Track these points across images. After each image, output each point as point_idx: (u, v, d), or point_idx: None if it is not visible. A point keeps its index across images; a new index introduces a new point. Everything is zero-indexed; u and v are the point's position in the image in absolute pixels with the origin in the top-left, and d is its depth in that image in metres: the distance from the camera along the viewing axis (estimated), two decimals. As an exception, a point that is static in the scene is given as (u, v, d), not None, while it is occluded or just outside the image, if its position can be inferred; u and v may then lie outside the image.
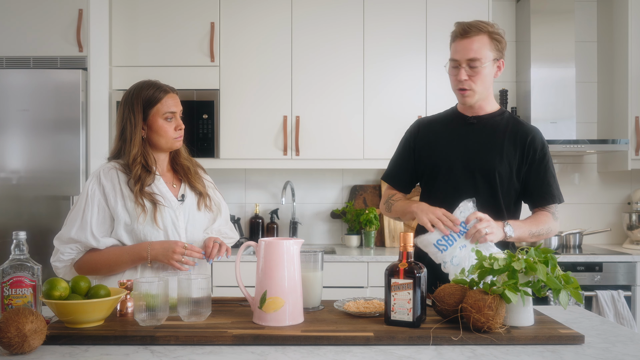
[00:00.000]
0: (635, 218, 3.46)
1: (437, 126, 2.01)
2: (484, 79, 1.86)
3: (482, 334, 1.31)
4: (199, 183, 1.94)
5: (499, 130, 1.92)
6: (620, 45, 3.46)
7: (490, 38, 1.85)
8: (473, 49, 1.82)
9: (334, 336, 1.30)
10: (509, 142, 1.90)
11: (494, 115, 1.95)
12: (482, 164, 1.88)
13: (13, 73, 3.08)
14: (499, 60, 1.89)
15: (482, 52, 1.83)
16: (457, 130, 1.96)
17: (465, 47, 1.83)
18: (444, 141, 1.95)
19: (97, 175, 1.82)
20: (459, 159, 1.90)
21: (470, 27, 1.84)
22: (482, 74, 1.84)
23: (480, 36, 1.84)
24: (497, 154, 1.88)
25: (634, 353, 1.25)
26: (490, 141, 1.90)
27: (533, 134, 1.92)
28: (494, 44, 1.86)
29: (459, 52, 1.85)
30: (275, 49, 3.40)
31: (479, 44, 1.83)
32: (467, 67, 1.84)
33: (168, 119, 1.84)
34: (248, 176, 3.76)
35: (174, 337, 1.30)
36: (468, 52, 1.83)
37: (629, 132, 3.37)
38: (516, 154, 1.89)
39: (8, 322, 1.18)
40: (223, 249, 1.81)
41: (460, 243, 1.70)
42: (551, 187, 1.91)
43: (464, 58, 1.83)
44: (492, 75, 1.89)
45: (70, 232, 1.76)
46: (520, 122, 1.96)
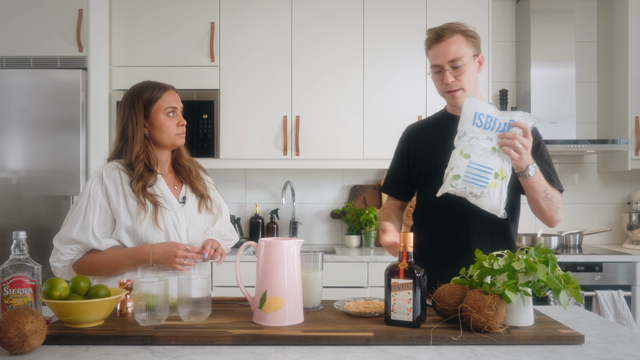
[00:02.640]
0: (635, 218, 3.46)
1: (428, 130, 2.02)
2: (470, 77, 1.87)
3: (482, 334, 1.31)
4: (200, 185, 1.94)
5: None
6: (620, 45, 3.46)
7: (464, 36, 1.86)
8: (452, 50, 1.84)
9: (334, 336, 1.30)
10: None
11: None
12: None
13: (13, 73, 3.08)
14: (478, 55, 1.90)
15: (461, 51, 1.84)
16: (450, 131, 1.93)
17: (444, 50, 1.85)
18: (438, 144, 1.94)
19: (99, 175, 1.81)
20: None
21: (443, 30, 1.86)
22: (467, 72, 1.85)
23: (455, 36, 1.85)
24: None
25: (634, 353, 1.25)
26: None
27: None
28: (469, 41, 1.87)
29: (439, 57, 1.86)
30: (275, 49, 3.40)
31: (456, 44, 1.84)
32: (450, 69, 1.85)
33: (170, 115, 1.84)
34: (248, 176, 3.76)
35: (174, 337, 1.30)
36: (448, 55, 1.84)
37: (629, 132, 3.37)
38: None
39: (8, 322, 1.18)
40: (217, 254, 1.82)
41: (491, 134, 1.64)
42: (549, 174, 1.90)
43: (445, 61, 1.84)
44: (476, 71, 1.90)
45: (71, 233, 1.75)
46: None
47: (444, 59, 1.84)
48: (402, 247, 1.41)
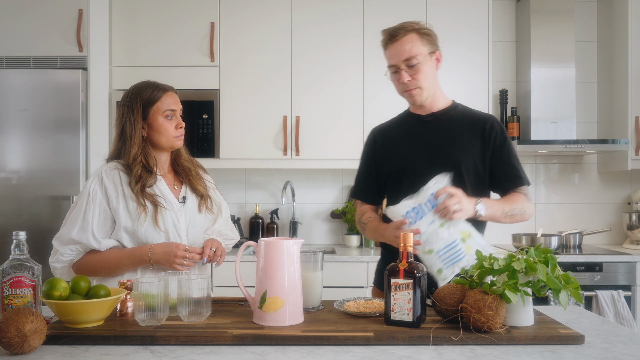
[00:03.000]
0: (635, 218, 3.46)
1: (393, 131, 2.01)
2: (427, 75, 1.87)
3: (482, 334, 1.31)
4: (200, 185, 1.93)
5: (455, 124, 1.92)
6: (620, 45, 3.46)
7: (418, 34, 1.86)
8: (405, 49, 1.84)
9: (334, 336, 1.30)
10: (467, 133, 1.90)
11: (447, 110, 1.95)
12: (446, 159, 1.86)
13: (13, 73, 3.08)
14: (435, 52, 1.90)
15: (415, 49, 1.84)
16: (415, 131, 1.95)
17: (398, 49, 1.85)
18: (404, 144, 1.94)
19: (99, 175, 1.81)
20: (421, 158, 1.89)
21: (397, 29, 1.86)
22: (423, 70, 1.85)
23: (409, 35, 1.85)
24: (459, 148, 1.88)
25: (634, 353, 1.25)
26: (450, 136, 1.90)
27: (491, 121, 1.92)
28: (424, 39, 1.87)
29: (394, 56, 1.86)
30: (275, 49, 3.40)
31: (410, 43, 1.84)
32: (406, 68, 1.85)
33: (168, 117, 1.84)
34: (248, 176, 3.76)
35: (174, 337, 1.30)
36: (402, 54, 1.84)
37: (629, 132, 3.37)
38: (477, 143, 1.89)
39: (8, 322, 1.18)
40: (216, 257, 1.82)
41: (429, 218, 1.65)
42: (517, 170, 1.90)
43: (400, 60, 1.85)
44: (434, 69, 1.90)
45: (71, 233, 1.75)
46: (474, 112, 1.97)
47: (399, 58, 1.85)
48: (402, 247, 1.41)
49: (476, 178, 1.88)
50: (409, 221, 1.67)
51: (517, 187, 1.90)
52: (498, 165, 1.89)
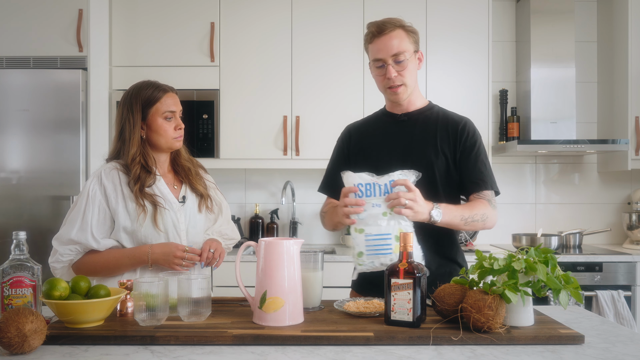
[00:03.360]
0: (635, 218, 3.46)
1: (368, 129, 1.99)
2: (411, 73, 1.84)
3: (482, 334, 1.31)
4: (199, 184, 1.93)
5: (430, 125, 1.89)
6: (620, 45, 3.46)
7: (405, 31, 1.83)
8: (394, 44, 1.80)
9: (334, 336, 1.30)
10: (441, 134, 1.87)
11: (423, 111, 1.92)
12: (419, 160, 1.83)
13: (13, 73, 3.08)
14: (417, 52, 1.87)
15: (403, 45, 1.81)
16: (389, 130, 1.93)
17: (386, 43, 1.81)
18: (378, 143, 1.92)
19: (98, 175, 1.81)
20: (395, 158, 1.85)
21: (385, 24, 1.83)
22: (409, 67, 1.83)
23: (397, 31, 1.82)
24: (432, 149, 1.85)
25: (634, 353, 1.25)
26: (424, 137, 1.87)
27: (464, 122, 1.89)
28: (410, 37, 1.84)
29: (381, 51, 1.81)
30: (275, 49, 3.40)
31: (398, 39, 1.81)
32: (393, 64, 1.81)
33: (167, 118, 1.83)
34: (248, 176, 3.76)
35: (174, 337, 1.30)
36: (391, 48, 1.80)
37: (629, 132, 3.37)
38: (450, 144, 1.86)
39: (8, 322, 1.18)
40: (214, 259, 1.81)
41: (376, 201, 1.61)
42: (482, 174, 1.84)
43: (388, 55, 1.80)
44: (416, 68, 1.87)
45: (70, 233, 1.75)
46: (450, 114, 1.94)
47: (387, 53, 1.80)
48: (402, 247, 1.41)
49: (448, 180, 1.85)
50: (356, 194, 1.63)
51: (478, 191, 1.84)
52: (464, 167, 1.85)
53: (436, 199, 1.76)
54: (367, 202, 1.62)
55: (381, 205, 1.61)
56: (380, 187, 1.62)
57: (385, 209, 1.61)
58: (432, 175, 1.82)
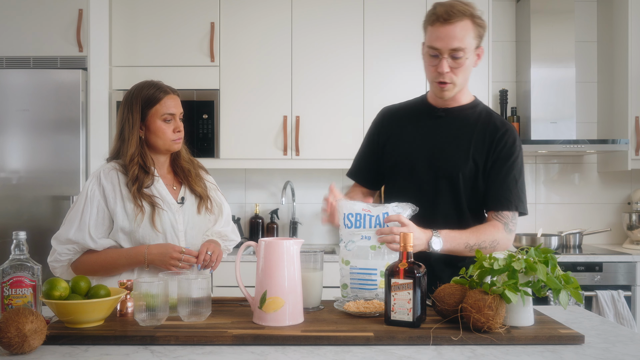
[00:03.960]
0: (635, 218, 3.46)
1: (402, 117, 1.84)
2: (466, 71, 1.68)
3: (482, 334, 1.31)
4: (199, 186, 1.92)
5: (467, 125, 1.74)
6: (620, 45, 3.46)
7: (473, 23, 1.64)
8: (457, 37, 1.61)
9: (334, 336, 1.30)
10: (477, 138, 1.72)
11: (465, 108, 1.77)
12: (446, 164, 1.72)
13: (13, 73, 3.08)
14: (479, 47, 1.70)
15: (466, 40, 1.62)
16: (423, 124, 1.78)
17: (449, 34, 1.61)
18: (408, 137, 1.79)
19: (97, 175, 1.81)
20: (422, 158, 1.75)
21: (454, 10, 1.61)
22: (465, 65, 1.66)
23: (464, 21, 1.62)
24: (462, 153, 1.71)
25: (634, 353, 1.25)
26: (457, 138, 1.73)
27: (504, 129, 1.73)
28: (477, 31, 1.65)
29: (441, 40, 1.62)
30: (275, 49, 3.40)
31: (463, 31, 1.62)
32: (449, 58, 1.64)
33: (166, 121, 1.83)
34: (248, 176, 3.76)
35: (174, 337, 1.30)
36: (452, 41, 1.61)
37: (629, 132, 3.37)
38: (483, 151, 1.71)
39: (8, 322, 1.18)
40: (211, 263, 1.80)
41: (365, 233, 1.57)
42: (509, 192, 1.68)
43: (446, 47, 1.62)
44: (472, 65, 1.71)
45: (68, 233, 1.75)
46: (493, 117, 1.77)
47: (446, 45, 1.62)
48: (402, 247, 1.40)
49: (473, 192, 1.72)
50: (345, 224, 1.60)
51: (498, 210, 1.70)
52: (492, 180, 1.70)
53: (457, 211, 1.70)
54: (356, 233, 1.59)
55: (370, 238, 1.57)
56: (371, 218, 1.58)
57: (374, 242, 1.57)
58: (456, 183, 1.71)
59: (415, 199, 1.67)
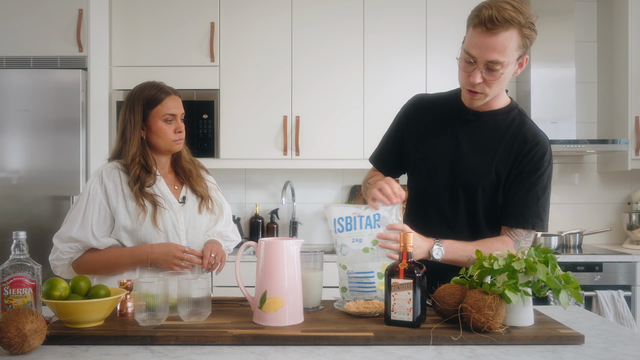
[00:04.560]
0: (635, 218, 3.46)
1: (432, 111, 1.74)
2: (502, 82, 1.54)
3: (482, 334, 1.31)
4: (200, 186, 1.93)
5: (497, 132, 1.64)
6: (620, 45, 3.46)
7: (520, 34, 1.48)
8: (497, 49, 1.46)
9: (334, 336, 1.30)
10: (504, 147, 1.63)
11: (497, 113, 1.66)
12: (467, 174, 1.64)
13: (13, 73, 3.08)
14: (523, 56, 1.55)
15: (507, 53, 1.48)
16: (451, 126, 1.69)
17: (488, 45, 1.46)
18: (434, 137, 1.70)
19: (99, 174, 1.82)
20: (444, 163, 1.68)
21: (500, 17, 1.44)
22: (501, 78, 1.52)
23: (510, 32, 1.46)
24: (485, 165, 1.63)
25: (634, 353, 1.25)
26: (482, 148, 1.64)
27: (535, 142, 1.61)
28: (522, 42, 1.50)
29: (478, 49, 1.48)
30: (275, 49, 3.40)
31: (506, 43, 1.46)
32: (484, 70, 1.51)
33: (167, 121, 1.84)
34: (248, 176, 3.76)
35: (174, 337, 1.30)
36: (490, 53, 1.47)
37: (629, 132, 3.37)
38: (509, 162, 1.62)
39: (8, 322, 1.18)
40: (215, 265, 1.81)
41: (357, 235, 1.55)
42: (527, 209, 1.59)
43: (483, 58, 1.49)
44: (511, 74, 1.56)
45: (70, 231, 1.75)
46: (527, 126, 1.64)
47: (483, 56, 1.48)
48: (402, 247, 1.40)
49: (492, 205, 1.64)
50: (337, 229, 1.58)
51: (512, 226, 1.62)
52: (512, 193, 1.61)
53: (473, 221, 1.66)
54: (347, 236, 1.57)
55: (362, 240, 1.56)
56: (361, 219, 1.56)
57: (366, 244, 1.55)
58: (474, 195, 1.63)
59: (433, 203, 1.67)
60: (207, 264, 1.78)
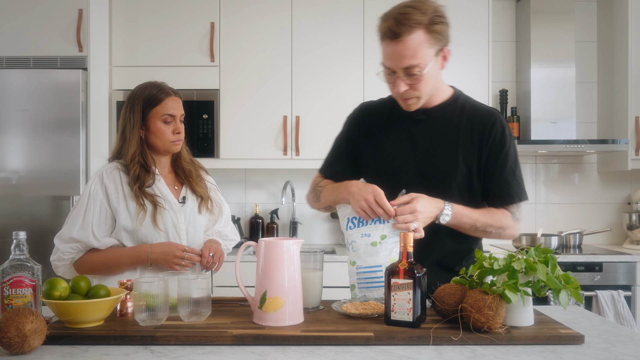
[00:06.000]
0: (635, 218, 3.46)
1: (382, 116, 1.73)
2: (429, 81, 1.55)
3: (482, 334, 1.31)
4: (200, 186, 1.94)
5: (452, 125, 1.64)
6: (620, 45, 3.46)
7: (427, 32, 1.48)
8: (407, 54, 1.48)
9: (334, 336, 1.30)
10: (464, 138, 1.63)
11: (445, 105, 1.67)
12: (436, 174, 1.64)
13: (13, 73, 3.08)
14: (442, 49, 1.55)
15: (420, 54, 1.48)
16: (404, 130, 1.68)
17: (398, 53, 1.49)
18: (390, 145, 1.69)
19: (99, 175, 1.82)
20: (409, 169, 1.66)
21: (401, 25, 1.47)
22: (425, 78, 1.52)
23: (414, 34, 1.47)
24: (451, 159, 1.63)
25: (634, 353, 1.25)
26: (442, 142, 1.64)
27: (492, 121, 1.62)
28: (433, 37, 1.49)
29: (391, 59, 1.51)
30: (275, 49, 3.40)
31: (414, 46, 1.48)
32: (404, 77, 1.52)
33: (166, 122, 1.84)
34: (248, 176, 3.76)
35: (174, 337, 1.30)
36: (402, 60, 1.49)
37: (629, 132, 3.37)
38: (474, 148, 1.62)
39: (8, 322, 1.18)
40: (214, 264, 1.82)
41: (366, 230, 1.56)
42: (509, 186, 1.63)
43: (399, 67, 1.51)
44: (438, 70, 1.57)
45: (71, 232, 1.76)
46: (477, 108, 1.67)
47: (397, 64, 1.51)
48: (402, 247, 1.40)
49: (470, 194, 1.65)
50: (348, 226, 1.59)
51: (503, 206, 1.66)
52: (489, 177, 1.64)
53: None
54: (356, 233, 1.58)
55: (370, 235, 1.56)
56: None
57: (375, 238, 1.55)
58: (449, 190, 1.63)
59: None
60: (206, 262, 1.79)
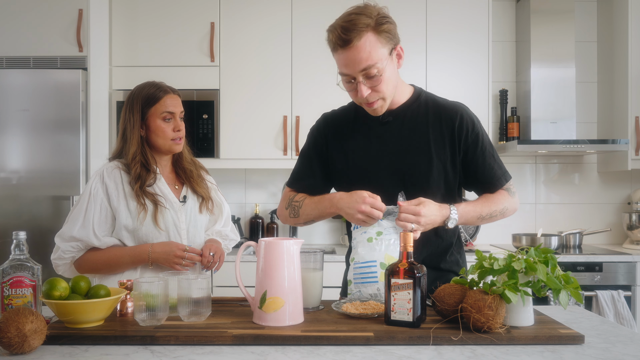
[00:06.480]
0: (635, 218, 3.46)
1: (348, 124, 1.73)
2: (388, 82, 1.56)
3: (482, 334, 1.31)
4: (200, 187, 1.94)
5: (420, 123, 1.65)
6: (620, 45, 3.46)
7: (376, 33, 1.50)
8: (362, 57, 1.50)
9: (334, 336, 1.30)
10: (434, 132, 1.64)
11: (409, 104, 1.68)
12: (412, 175, 1.64)
13: (13, 73, 3.08)
14: (395, 48, 1.57)
15: (374, 55, 1.50)
16: (373, 133, 1.68)
17: (353, 58, 1.51)
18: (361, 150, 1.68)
19: (100, 174, 1.82)
20: (385, 173, 1.66)
21: (349, 32, 1.49)
22: (384, 78, 1.54)
23: (365, 37, 1.49)
24: (425, 157, 1.64)
25: (634, 353, 1.25)
26: (413, 141, 1.65)
27: (460, 116, 1.65)
28: (383, 37, 1.52)
29: (347, 66, 1.53)
30: (275, 49, 3.40)
31: (368, 48, 1.50)
32: (364, 80, 1.54)
33: (166, 120, 1.84)
34: (248, 176, 3.76)
35: (174, 337, 1.30)
36: (358, 64, 1.51)
37: (629, 132, 3.37)
38: (446, 143, 1.64)
39: (8, 322, 1.18)
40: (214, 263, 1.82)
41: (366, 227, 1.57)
42: (494, 171, 1.67)
43: (356, 71, 1.52)
44: (395, 69, 1.59)
45: (72, 231, 1.76)
46: (440, 104, 1.68)
47: (355, 69, 1.52)
48: (402, 247, 1.40)
49: (446, 187, 1.67)
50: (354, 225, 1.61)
51: (494, 191, 1.71)
52: (474, 168, 1.67)
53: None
54: (359, 230, 1.60)
55: (367, 231, 1.58)
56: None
57: (371, 234, 1.56)
58: (428, 189, 1.64)
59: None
60: (206, 262, 1.79)
